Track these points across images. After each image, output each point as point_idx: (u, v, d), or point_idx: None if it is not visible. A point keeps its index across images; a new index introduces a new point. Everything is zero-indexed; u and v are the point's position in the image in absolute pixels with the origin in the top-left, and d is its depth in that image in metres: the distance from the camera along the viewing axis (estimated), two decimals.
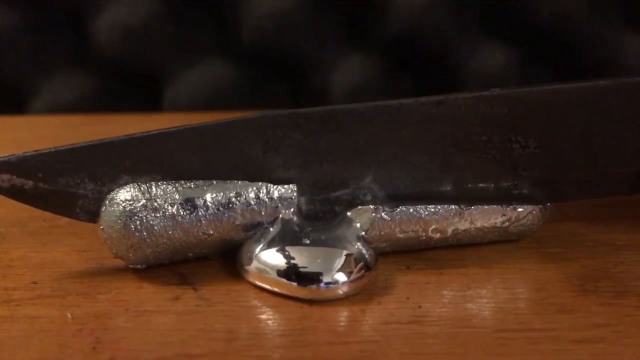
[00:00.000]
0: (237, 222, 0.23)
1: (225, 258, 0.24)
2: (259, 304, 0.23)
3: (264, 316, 0.22)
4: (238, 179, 0.24)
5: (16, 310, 0.22)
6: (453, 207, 0.25)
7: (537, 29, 0.48)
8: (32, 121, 0.44)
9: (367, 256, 0.23)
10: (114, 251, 0.23)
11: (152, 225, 0.23)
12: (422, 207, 0.24)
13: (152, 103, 0.48)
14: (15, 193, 0.23)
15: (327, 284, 0.22)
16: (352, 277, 0.22)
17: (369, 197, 0.25)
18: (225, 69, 0.48)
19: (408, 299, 0.23)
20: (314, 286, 0.22)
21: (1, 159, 0.23)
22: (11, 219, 0.29)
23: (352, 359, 0.20)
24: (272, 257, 0.23)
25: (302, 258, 0.23)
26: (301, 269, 0.22)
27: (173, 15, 0.47)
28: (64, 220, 0.24)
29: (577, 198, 0.26)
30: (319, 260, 0.23)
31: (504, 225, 0.25)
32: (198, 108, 0.47)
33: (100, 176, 0.23)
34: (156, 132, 0.24)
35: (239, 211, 0.23)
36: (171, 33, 0.47)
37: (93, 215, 0.23)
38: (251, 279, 0.23)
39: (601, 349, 0.20)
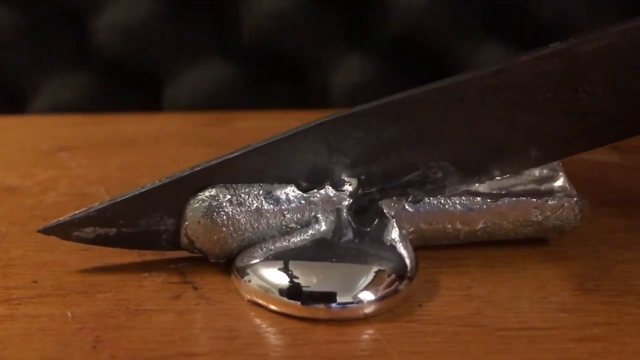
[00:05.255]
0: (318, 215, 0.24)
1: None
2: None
3: (264, 314, 0.22)
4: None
5: (16, 309, 0.22)
6: (478, 199, 0.25)
7: (537, 29, 0.48)
8: (32, 121, 0.44)
9: (407, 260, 0.23)
10: (198, 246, 0.24)
11: (238, 220, 0.23)
12: (447, 199, 0.25)
13: (152, 103, 0.48)
14: (102, 241, 0.24)
15: (344, 304, 0.21)
16: (381, 293, 0.22)
17: (439, 174, 0.25)
18: (225, 69, 0.48)
19: (408, 297, 0.23)
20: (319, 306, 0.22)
21: (80, 215, 0.24)
22: (11, 218, 0.29)
23: (353, 357, 0.20)
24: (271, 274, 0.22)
25: (318, 275, 0.22)
26: (305, 288, 0.22)
27: (173, 15, 0.47)
28: None
29: None
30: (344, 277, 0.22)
31: (537, 218, 0.25)
32: (198, 108, 0.47)
33: (177, 211, 0.24)
34: (219, 159, 0.24)
35: (320, 204, 0.24)
36: (171, 33, 0.47)
37: (177, 244, 0.24)
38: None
39: (602, 347, 0.20)
